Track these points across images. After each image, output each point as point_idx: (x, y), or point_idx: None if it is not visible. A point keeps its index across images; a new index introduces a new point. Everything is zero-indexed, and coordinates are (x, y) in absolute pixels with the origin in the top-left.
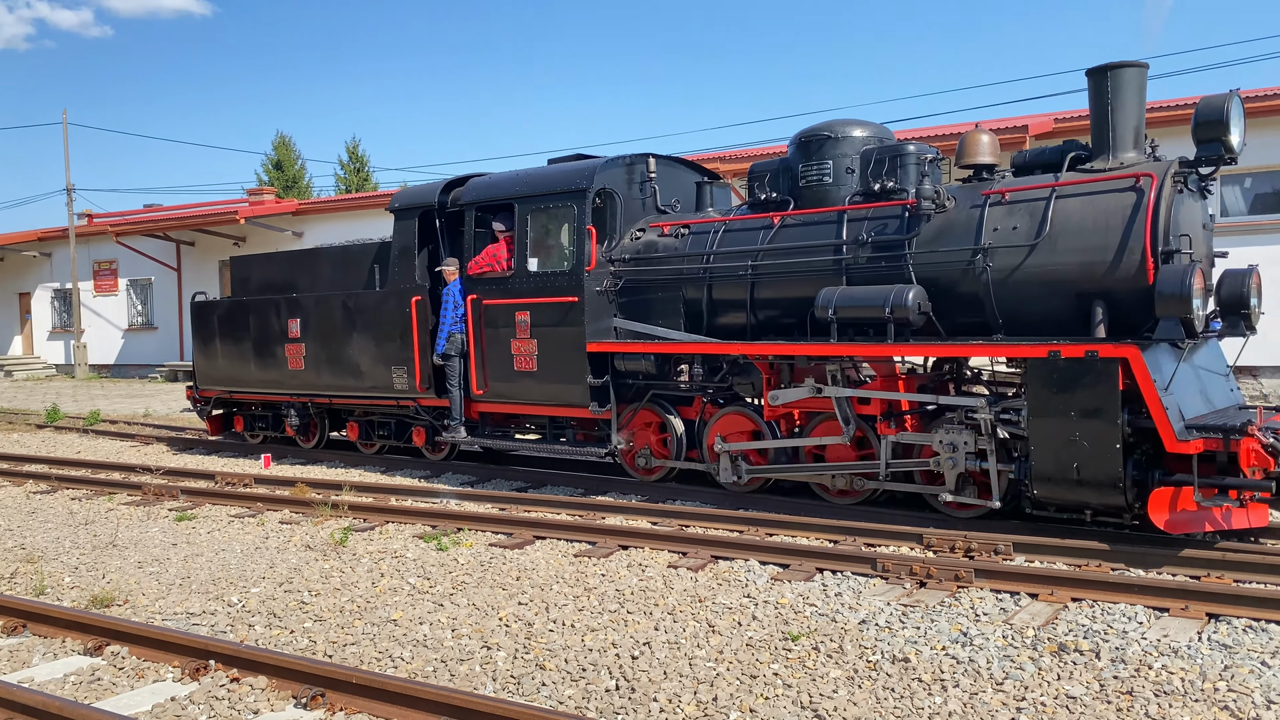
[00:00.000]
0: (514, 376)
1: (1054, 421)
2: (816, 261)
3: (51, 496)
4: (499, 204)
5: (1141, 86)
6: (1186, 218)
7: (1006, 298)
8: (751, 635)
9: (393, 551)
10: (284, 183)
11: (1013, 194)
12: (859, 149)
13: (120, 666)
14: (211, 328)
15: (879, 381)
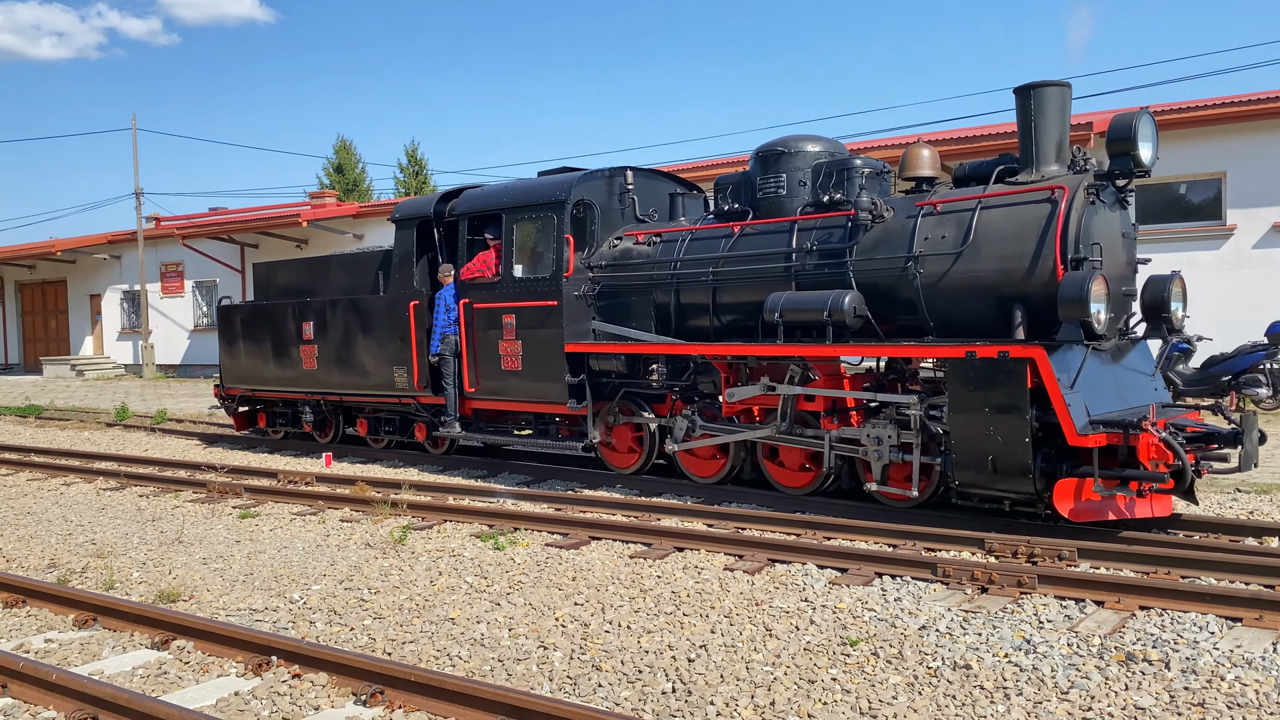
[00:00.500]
0: (502, 375)
1: (971, 417)
2: (769, 268)
3: (120, 493)
4: (489, 214)
5: (1063, 104)
6: (1100, 227)
7: (936, 302)
8: (809, 639)
9: (450, 550)
10: (345, 186)
11: (943, 205)
12: (811, 163)
13: (186, 661)
14: (235, 330)
15: (822, 380)
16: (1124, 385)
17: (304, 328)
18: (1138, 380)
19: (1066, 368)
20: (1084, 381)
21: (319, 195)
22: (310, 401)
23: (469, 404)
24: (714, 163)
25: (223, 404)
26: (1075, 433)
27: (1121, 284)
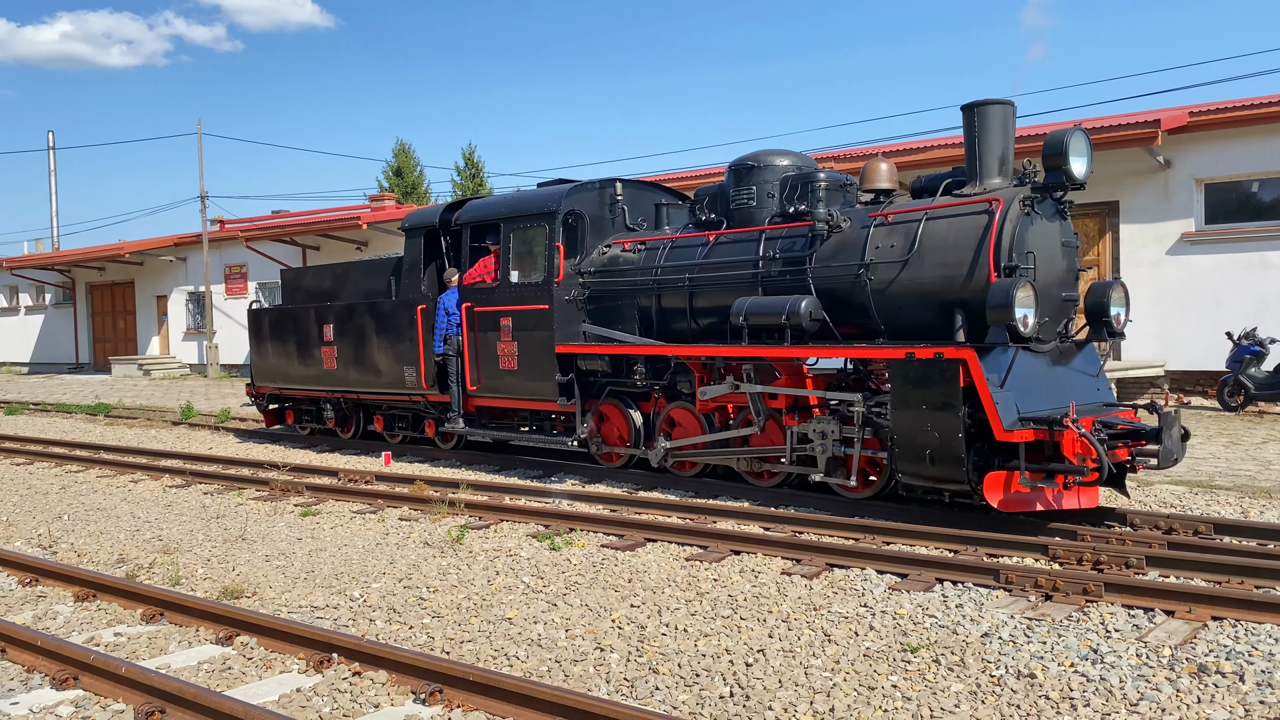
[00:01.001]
0: (500, 374)
1: (911, 414)
2: (739, 274)
3: (185, 491)
4: (489, 223)
5: (1005, 121)
6: (1036, 237)
7: (886, 306)
8: (869, 645)
9: (507, 550)
10: (403, 189)
11: (894, 216)
12: (779, 176)
13: (249, 657)
14: (264, 332)
15: (785, 379)
16: (1066, 385)
17: (324, 330)
18: (1080, 380)
19: (997, 368)
20: (1016, 381)
21: (378, 198)
22: (331, 399)
23: (471, 401)
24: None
25: (254, 401)
26: (1002, 429)
27: (1061, 290)
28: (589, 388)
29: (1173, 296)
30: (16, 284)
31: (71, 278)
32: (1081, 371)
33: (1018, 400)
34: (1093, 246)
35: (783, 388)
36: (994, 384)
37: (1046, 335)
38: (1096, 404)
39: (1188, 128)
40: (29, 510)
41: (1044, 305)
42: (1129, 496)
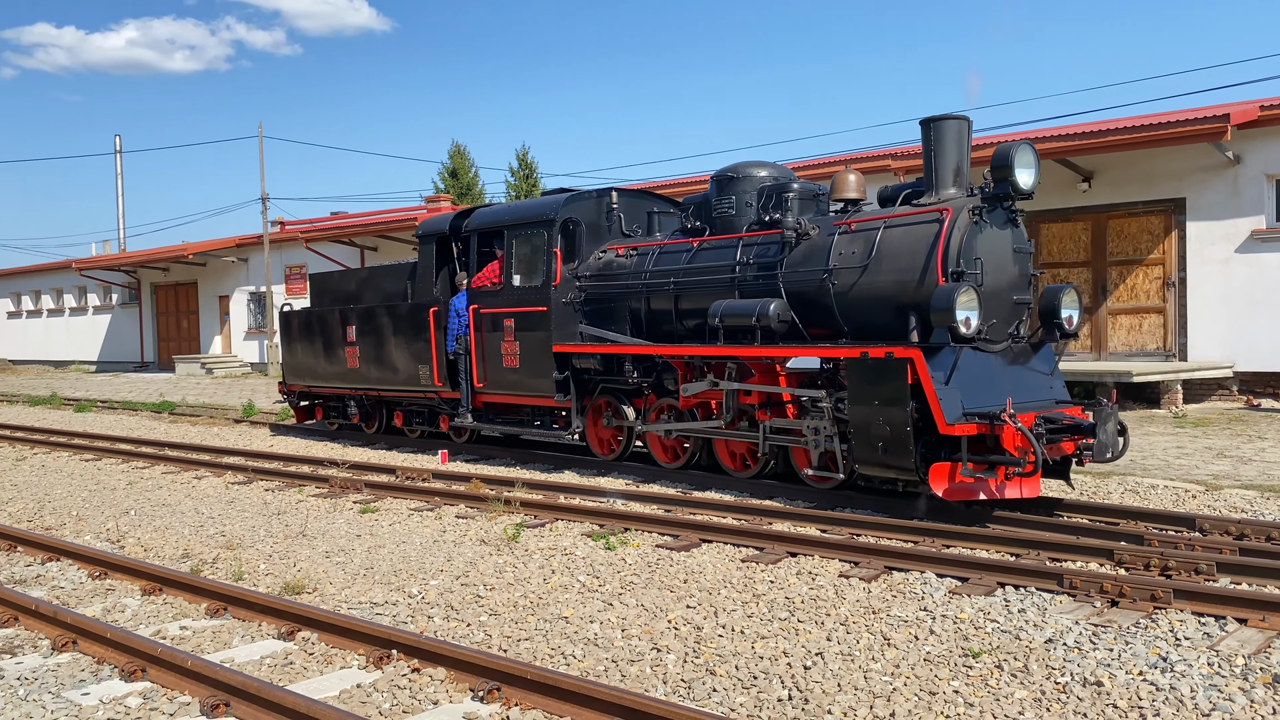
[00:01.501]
0: (504, 372)
1: (865, 409)
2: (718, 279)
3: (247, 487)
4: (494, 230)
5: (960, 135)
6: (984, 245)
7: (848, 309)
8: (929, 650)
9: (562, 549)
10: (459, 190)
11: (857, 225)
12: (757, 186)
13: (310, 652)
14: (293, 333)
15: (758, 377)
16: (1019, 383)
17: (348, 331)
18: (1034, 378)
19: (942, 367)
20: (962, 379)
21: (434, 199)
22: (355, 396)
23: (479, 397)
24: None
25: (285, 398)
26: (944, 423)
27: (1012, 293)
28: (585, 385)
29: (1242, 296)
30: (85, 284)
31: (137, 278)
32: (1036, 370)
33: (964, 396)
34: (1158, 245)
35: (756, 385)
36: (939, 381)
37: (996, 336)
38: (1048, 401)
39: (1258, 122)
40: (97, 505)
41: (993, 308)
42: (1073, 487)
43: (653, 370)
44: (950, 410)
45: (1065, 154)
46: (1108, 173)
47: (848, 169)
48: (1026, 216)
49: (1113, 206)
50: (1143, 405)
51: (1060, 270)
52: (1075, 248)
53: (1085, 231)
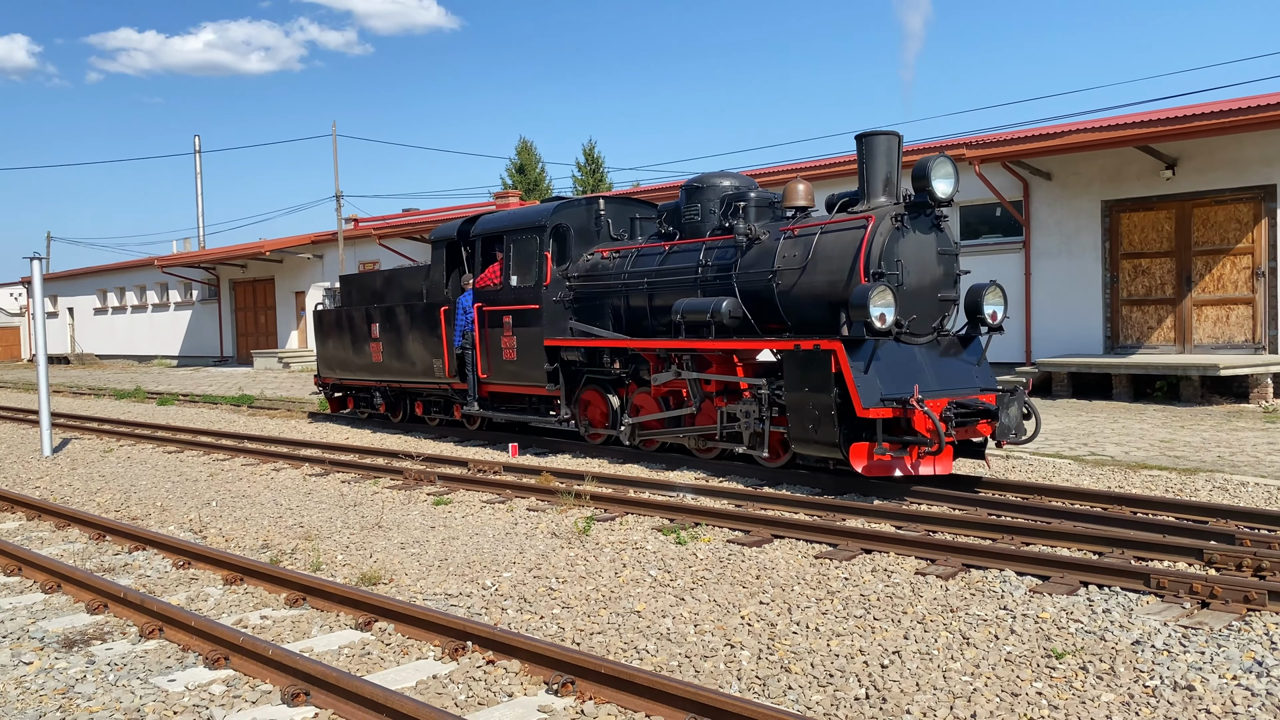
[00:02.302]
0: (504, 364)
1: (798, 395)
2: (684, 279)
3: (324, 479)
4: (496, 234)
5: (889, 149)
6: (907, 248)
7: (790, 306)
8: (1010, 650)
9: (633, 543)
10: (526, 185)
11: (799, 230)
12: (720, 195)
13: (387, 642)
14: (326, 329)
15: (715, 368)
16: (944, 372)
17: (372, 328)
18: (961, 368)
19: (863, 357)
20: (883, 368)
21: (502, 195)
22: (380, 388)
23: (484, 388)
24: None
25: (320, 390)
26: (861, 407)
27: (936, 292)
28: (575, 376)
29: None
30: (167, 281)
31: (216, 275)
32: (964, 361)
33: (884, 384)
34: (1246, 233)
35: (713, 374)
36: (859, 370)
37: (920, 330)
38: (973, 388)
39: None
40: (180, 496)
41: (915, 305)
42: (990, 466)
43: (631, 362)
44: (867, 396)
45: (1147, 140)
46: (1192, 159)
47: (798, 179)
48: (1105, 206)
49: (1198, 194)
50: (1230, 400)
51: (1142, 260)
52: (1158, 237)
53: (1168, 220)
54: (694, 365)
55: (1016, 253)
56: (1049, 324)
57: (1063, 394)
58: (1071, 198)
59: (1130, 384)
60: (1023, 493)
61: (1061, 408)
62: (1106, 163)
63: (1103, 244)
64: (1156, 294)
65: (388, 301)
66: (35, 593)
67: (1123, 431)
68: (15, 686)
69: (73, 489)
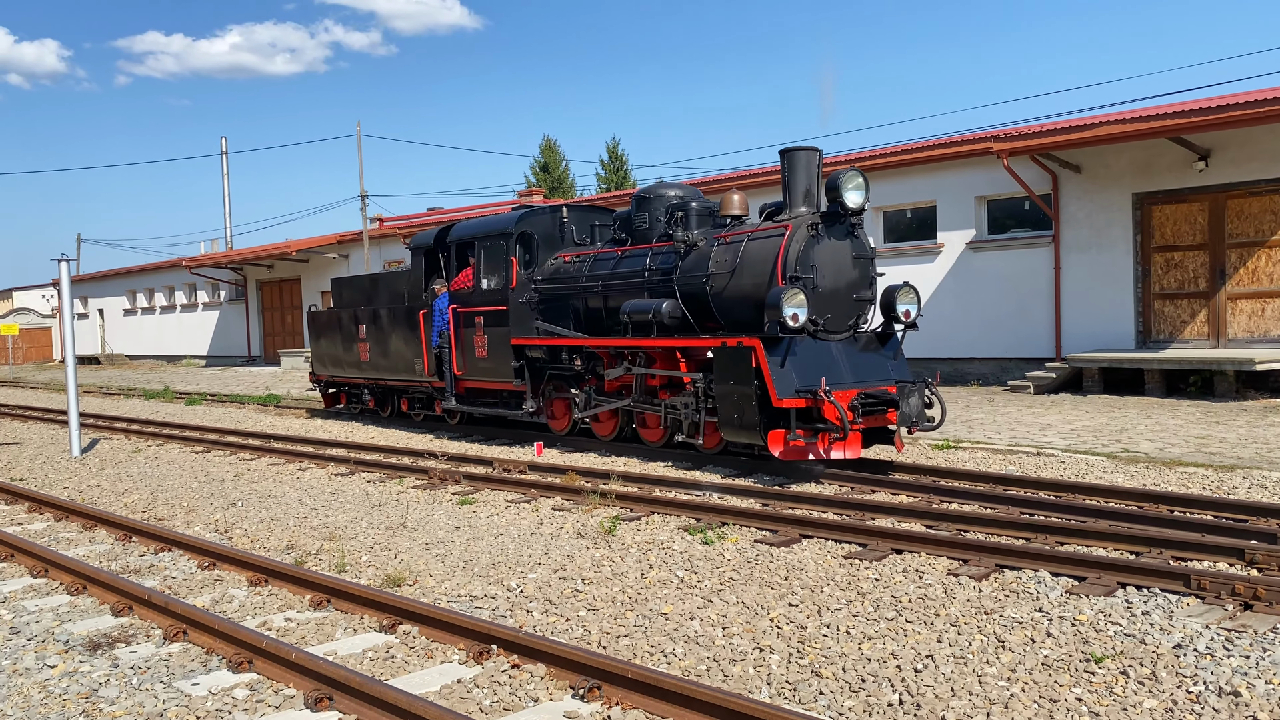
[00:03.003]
0: (477, 362)
1: (726, 387)
2: (633, 281)
3: (350, 479)
4: (468, 241)
5: (810, 162)
6: (822, 254)
7: (722, 306)
8: (1047, 654)
9: (659, 543)
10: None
11: (730, 237)
12: (667, 204)
13: (411, 646)
14: (319, 330)
15: (659, 363)
16: (860, 366)
17: (360, 329)
18: (877, 362)
19: (779, 353)
20: (800, 363)
21: (526, 193)
22: (368, 385)
23: (461, 384)
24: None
25: (314, 387)
26: (776, 398)
27: (851, 293)
28: (540, 372)
29: None
30: (195, 281)
31: (243, 275)
32: (881, 355)
33: (799, 377)
34: None
35: (657, 370)
36: (775, 365)
37: (836, 328)
38: (888, 380)
39: None
40: (207, 496)
41: (830, 305)
42: (899, 450)
43: (589, 358)
44: (782, 388)
45: (1179, 131)
46: (1226, 150)
47: (733, 190)
48: (1136, 199)
49: (1232, 186)
50: (1267, 395)
51: (1174, 254)
52: (1190, 230)
53: (1201, 213)
54: (642, 361)
55: (1045, 247)
56: (1079, 319)
57: (1094, 390)
58: (1101, 190)
59: (1163, 379)
60: (1056, 491)
61: (1093, 403)
62: (1137, 155)
63: (1134, 237)
64: (1189, 288)
65: (373, 304)
66: (61, 594)
67: (1156, 428)
68: (39, 690)
69: (100, 489)
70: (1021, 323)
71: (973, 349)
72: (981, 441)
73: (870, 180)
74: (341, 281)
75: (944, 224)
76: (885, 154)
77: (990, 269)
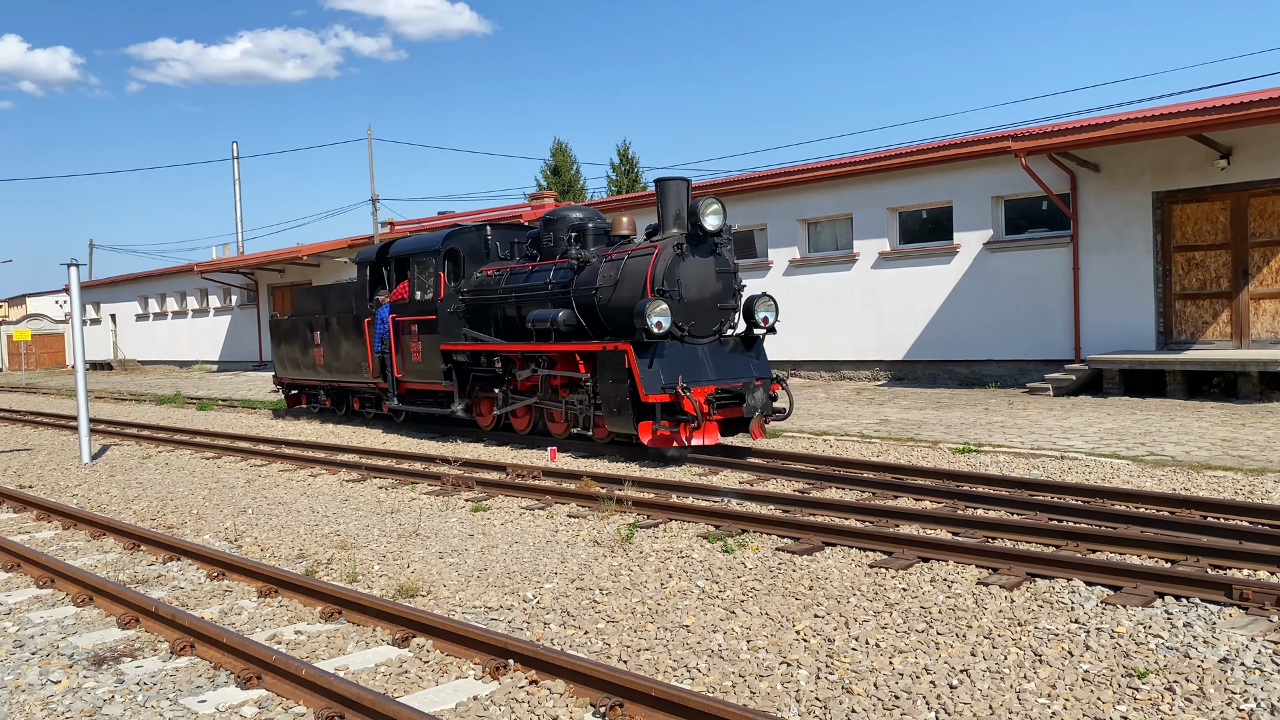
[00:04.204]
0: (413, 365)
1: (607, 386)
2: (539, 293)
3: (361, 485)
4: (404, 257)
5: (679, 191)
6: (687, 270)
7: (608, 315)
8: (1087, 668)
9: (678, 551)
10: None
11: (614, 255)
12: (569, 225)
13: (425, 660)
14: (280, 336)
15: (559, 365)
16: (724, 366)
17: (315, 336)
18: (740, 362)
19: (647, 355)
20: (668, 364)
21: (538, 196)
22: (323, 387)
23: (402, 385)
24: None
25: (278, 389)
26: (643, 394)
27: (715, 303)
28: (466, 374)
29: None
30: (206, 287)
31: (254, 280)
32: (745, 355)
33: (665, 376)
34: None
35: (558, 370)
36: (644, 366)
37: (701, 333)
38: (750, 377)
39: None
40: (217, 504)
41: (695, 314)
42: (755, 437)
43: (506, 361)
44: (649, 386)
45: (1201, 129)
46: (1249, 148)
47: (621, 213)
48: (1156, 198)
49: (1255, 184)
50: None
51: (1195, 253)
52: (1212, 229)
53: (1223, 211)
54: (544, 364)
55: (1064, 247)
56: (1098, 320)
57: (1114, 391)
58: (1121, 190)
59: (1185, 381)
60: (1083, 496)
61: (1114, 405)
62: (1157, 153)
63: (1154, 237)
64: (1211, 288)
65: (326, 313)
66: (68, 605)
67: (1181, 430)
68: (41, 708)
69: (110, 496)
70: (1040, 324)
71: (990, 351)
72: (1002, 445)
73: (885, 180)
74: (299, 291)
75: (960, 224)
76: (900, 154)
77: (1008, 270)
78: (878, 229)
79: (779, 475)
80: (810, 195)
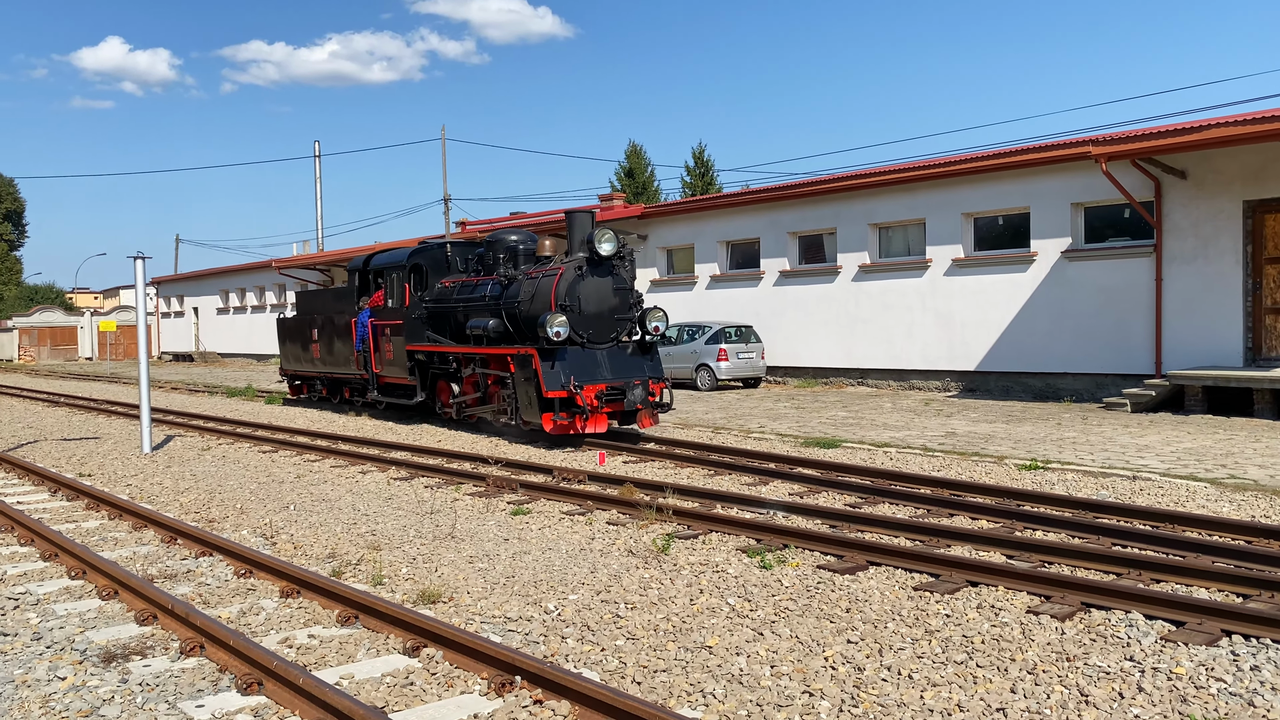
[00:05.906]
0: (387, 362)
1: (520, 383)
2: (481, 304)
3: (408, 484)
4: (380, 269)
5: (583, 221)
6: (586, 288)
7: (527, 325)
8: (1138, 713)
9: (714, 565)
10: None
11: (534, 274)
12: (506, 246)
13: (433, 672)
14: (285, 333)
15: (492, 365)
16: (620, 367)
17: (314, 333)
18: (635, 364)
19: (550, 359)
20: (570, 366)
21: (608, 198)
22: (320, 378)
23: (381, 379)
24: None
25: (284, 379)
26: (545, 390)
27: (613, 315)
28: (427, 370)
29: None
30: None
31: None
32: (640, 359)
33: (565, 376)
34: None
35: (491, 370)
36: (547, 367)
37: (600, 340)
38: (644, 378)
39: None
40: (263, 498)
41: (593, 324)
42: (643, 426)
43: (457, 361)
44: (550, 384)
45: None
46: None
47: (545, 236)
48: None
49: None
50: None
51: None
52: None
53: None
54: (479, 364)
55: (1146, 257)
56: (1182, 333)
57: (1196, 409)
58: (1209, 198)
59: (1273, 400)
60: (1152, 520)
61: (1195, 424)
62: (1249, 159)
63: (1244, 248)
64: None
65: (324, 313)
66: (93, 599)
67: (1266, 452)
68: (40, 706)
69: (162, 487)
70: (1119, 337)
71: (1066, 364)
72: (1072, 463)
73: (959, 184)
74: (304, 294)
75: (1037, 232)
76: (976, 158)
77: (1086, 280)
78: (951, 235)
79: (831, 488)
80: (882, 199)
